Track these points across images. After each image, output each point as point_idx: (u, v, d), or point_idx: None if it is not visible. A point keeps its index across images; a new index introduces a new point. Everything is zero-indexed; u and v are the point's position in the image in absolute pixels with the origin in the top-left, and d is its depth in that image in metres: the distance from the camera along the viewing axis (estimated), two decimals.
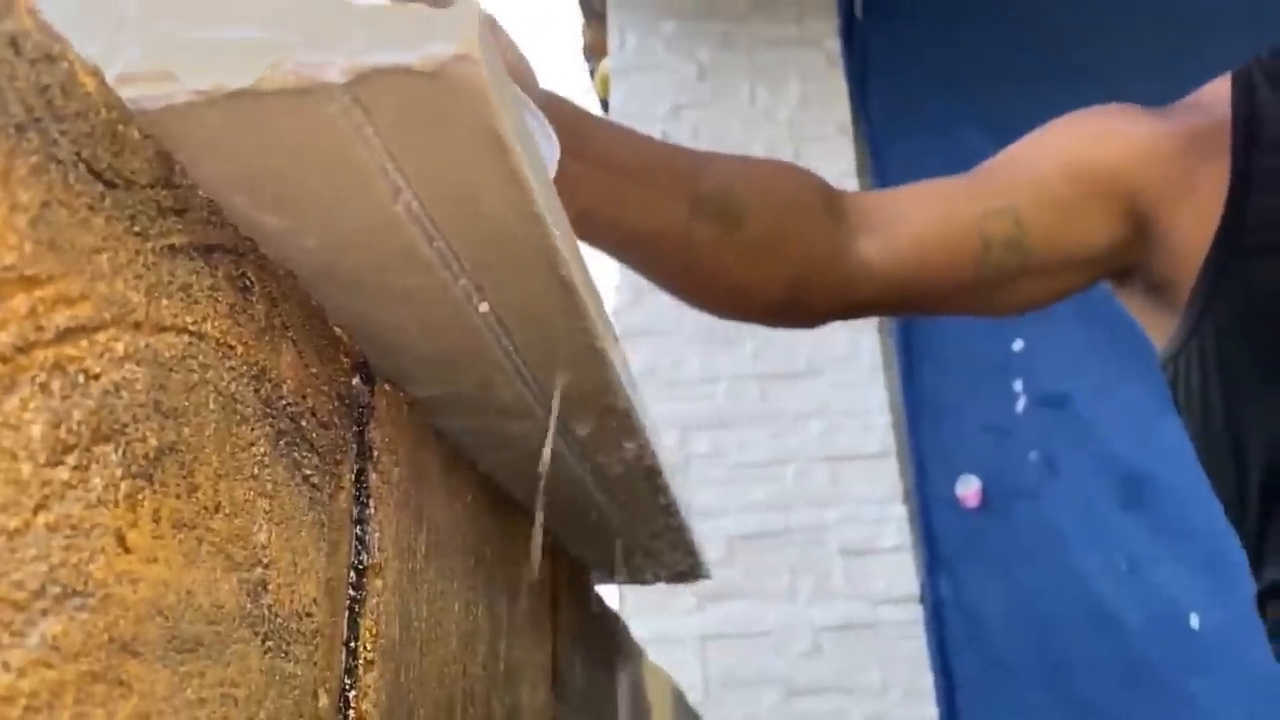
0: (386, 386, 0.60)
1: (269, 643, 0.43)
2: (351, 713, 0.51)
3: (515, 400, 0.68)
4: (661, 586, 2.55)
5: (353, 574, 0.53)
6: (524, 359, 0.63)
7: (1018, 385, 2.60)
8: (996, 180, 1.04)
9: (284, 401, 0.47)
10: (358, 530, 0.54)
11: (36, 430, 0.31)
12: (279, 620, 0.44)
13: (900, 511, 2.59)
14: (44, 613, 0.31)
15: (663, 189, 0.90)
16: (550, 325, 0.60)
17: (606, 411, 0.71)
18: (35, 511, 0.31)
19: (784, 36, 3.04)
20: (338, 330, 0.55)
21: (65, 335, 0.33)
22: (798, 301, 0.99)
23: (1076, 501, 2.48)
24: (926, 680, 2.44)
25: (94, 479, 0.33)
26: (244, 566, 0.42)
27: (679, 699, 2.00)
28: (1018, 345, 2.63)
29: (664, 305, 2.85)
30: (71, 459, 0.33)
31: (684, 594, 2.60)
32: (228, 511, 0.41)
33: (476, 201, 0.47)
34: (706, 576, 1.25)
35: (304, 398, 0.49)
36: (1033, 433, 2.56)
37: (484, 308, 0.56)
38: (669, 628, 2.55)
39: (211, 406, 0.41)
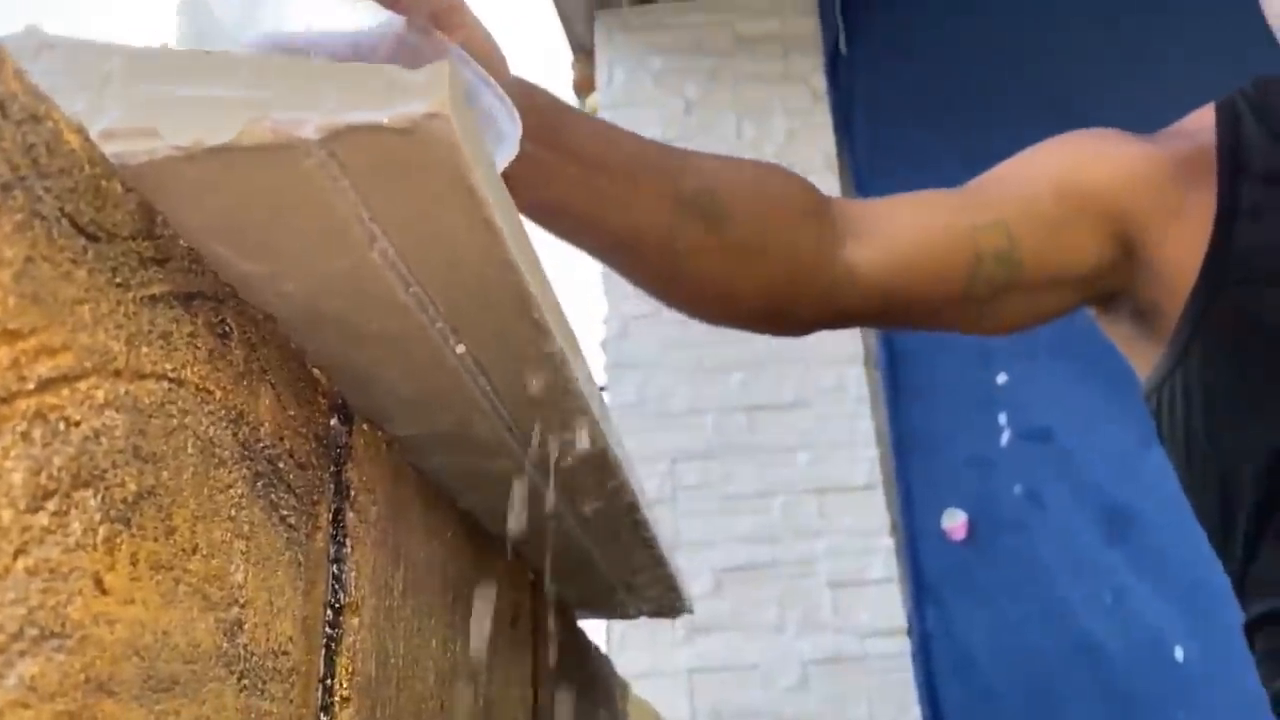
0: (364, 426, 0.61)
1: (244, 680, 0.44)
2: None
3: (493, 439, 0.70)
4: (647, 621, 2.55)
5: (329, 612, 0.54)
6: (501, 399, 0.64)
7: (1002, 418, 2.62)
8: (987, 195, 1.05)
9: (262, 444, 0.48)
10: (334, 569, 0.55)
11: (18, 477, 0.32)
12: (255, 659, 0.45)
13: (888, 544, 2.59)
14: (22, 654, 0.32)
15: (643, 186, 0.87)
16: (525, 366, 0.61)
17: (587, 456, 0.73)
18: (15, 556, 0.32)
19: (769, 72, 3.08)
20: (316, 372, 0.56)
21: (47, 385, 0.34)
22: (782, 307, 0.97)
23: (1061, 534, 2.49)
24: (914, 713, 2.44)
25: (73, 524, 0.35)
26: (220, 606, 0.43)
27: None
28: (1002, 379, 2.65)
29: (652, 338, 2.87)
30: (51, 504, 0.34)
31: (671, 627, 2.60)
32: (205, 552, 0.42)
33: (451, 248, 0.49)
34: (689, 611, 1.25)
35: (281, 439, 0.50)
36: (1017, 466, 2.57)
37: (460, 349, 0.58)
38: (656, 661, 2.55)
39: (190, 450, 0.42)
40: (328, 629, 0.54)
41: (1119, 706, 2.32)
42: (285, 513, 0.50)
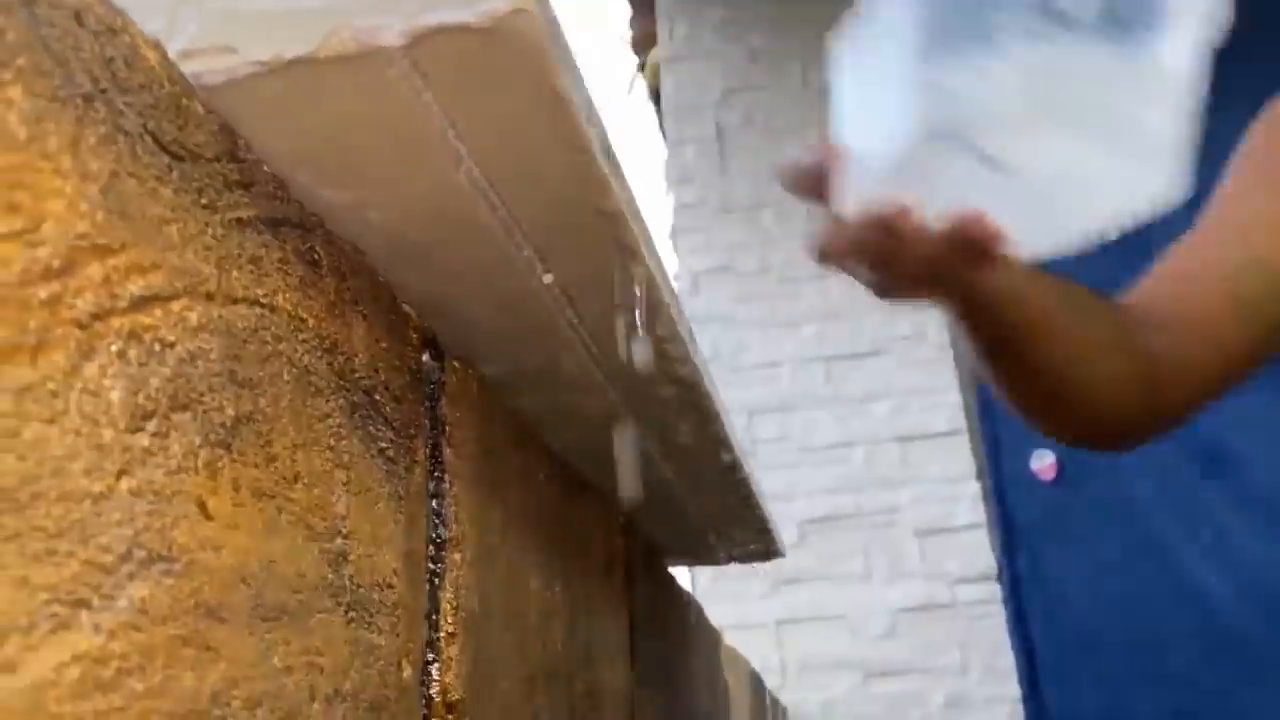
0: (456, 363, 0.60)
1: (352, 613, 0.43)
2: (435, 685, 0.51)
3: (582, 376, 0.68)
4: (735, 572, 2.54)
5: (431, 548, 0.53)
6: (589, 332, 0.63)
7: None
8: (1229, 226, 0.86)
9: (357, 375, 0.47)
10: (434, 504, 0.54)
11: (116, 396, 0.31)
12: (360, 591, 0.44)
13: (974, 489, 2.55)
14: (131, 576, 0.31)
15: (1110, 360, 0.76)
16: (615, 299, 0.59)
17: (676, 382, 0.71)
18: (118, 476, 0.31)
19: (836, 16, 2.97)
20: (406, 307, 0.55)
21: (140, 304, 0.33)
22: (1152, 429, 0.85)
23: (1155, 472, 2.42)
24: (1007, 659, 2.40)
25: (174, 446, 0.34)
26: (324, 537, 0.42)
27: (756, 683, 1.99)
28: None
29: (722, 292, 2.84)
30: (151, 425, 0.33)
31: (757, 579, 2.59)
32: (306, 481, 0.41)
33: (536, 165, 0.47)
34: (781, 555, 1.24)
35: (376, 371, 0.49)
36: None
37: (548, 279, 0.56)
38: (743, 613, 2.54)
39: (286, 378, 0.41)
40: (430, 564, 0.53)
41: (1226, 647, 2.26)
42: (384, 445, 0.48)
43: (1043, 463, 2.51)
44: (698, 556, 1.19)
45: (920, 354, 2.68)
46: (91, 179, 0.32)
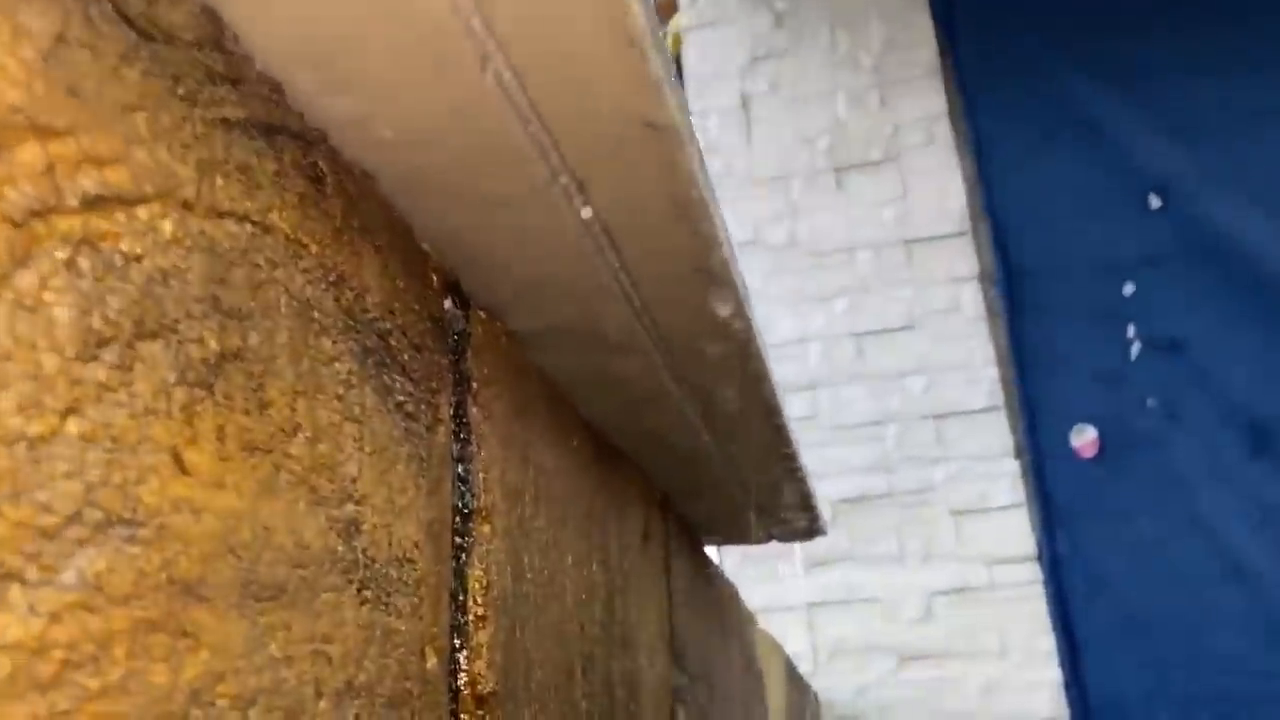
0: (482, 314, 0.54)
1: (365, 592, 0.37)
2: (463, 676, 0.45)
3: (623, 334, 0.61)
4: (765, 554, 2.47)
5: (457, 518, 0.46)
6: (633, 280, 0.56)
7: (1131, 330, 2.45)
8: None
9: (369, 315, 0.40)
10: (460, 469, 0.47)
11: (62, 315, 0.25)
12: (376, 566, 0.38)
13: (1012, 467, 2.47)
14: (81, 543, 0.24)
15: None
16: (665, 237, 0.52)
17: (726, 339, 0.64)
18: (64, 416, 0.24)
19: None
20: (425, 246, 0.48)
21: (95, 204, 0.27)
22: None
23: (1200, 449, 2.34)
24: (1047, 642, 2.33)
25: (139, 382, 0.27)
26: (331, 501, 0.35)
27: (790, 667, 1.93)
28: (1129, 289, 2.48)
29: (751, 267, 2.76)
30: (110, 355, 0.26)
31: (787, 561, 2.52)
32: (309, 435, 0.34)
33: (577, 63, 0.40)
34: (823, 533, 1.17)
35: (392, 313, 0.42)
36: (1149, 379, 2.41)
37: (586, 213, 0.49)
38: (774, 596, 2.48)
39: (283, 310, 0.34)
40: (456, 538, 0.46)
41: (1272, 630, 2.17)
42: (401, 399, 0.42)
43: (1084, 438, 2.43)
44: (736, 535, 1.12)
45: (955, 328, 2.60)
46: (25, 37, 0.25)
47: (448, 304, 0.49)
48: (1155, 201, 2.54)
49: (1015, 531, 2.44)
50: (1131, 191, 2.56)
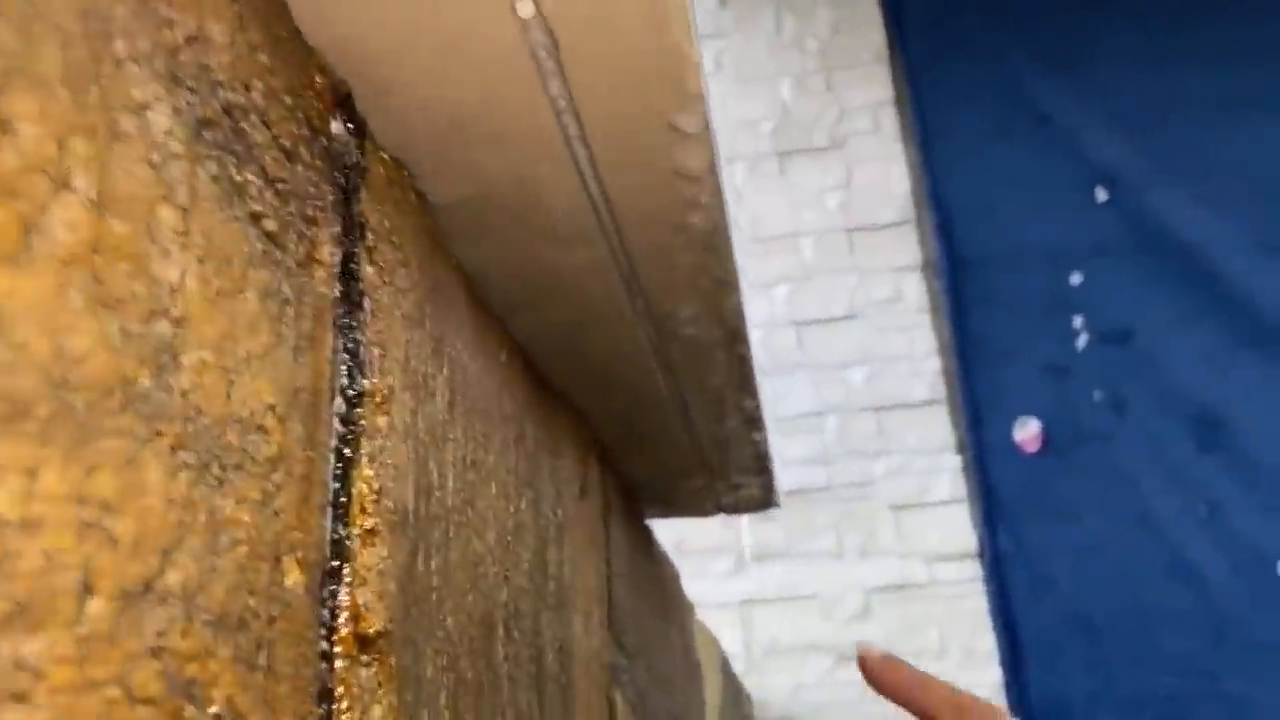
0: (384, 155, 0.42)
1: (184, 454, 0.25)
2: (342, 606, 0.33)
3: (567, 210, 0.50)
4: (697, 546, 2.36)
5: (340, 399, 0.34)
6: (586, 134, 0.44)
7: (1077, 321, 2.40)
8: None
9: (211, 75, 0.28)
10: (347, 337, 0.35)
11: None
12: (203, 422, 0.26)
13: (954, 461, 2.39)
14: None
15: None
16: (633, 83, 0.41)
17: (688, 235, 0.53)
18: None
19: None
20: (308, 37, 0.36)
21: None
22: None
23: (1147, 443, 2.29)
24: (988, 641, 2.25)
25: None
26: (131, 308, 0.23)
27: (726, 664, 1.83)
28: (1075, 279, 2.43)
29: None
30: None
31: (722, 556, 2.42)
32: (92, 197, 0.22)
33: None
34: (777, 504, 1.06)
35: (247, 89, 0.30)
36: (1095, 371, 2.36)
37: (526, 9, 0.37)
38: (707, 591, 2.37)
39: (60, 18, 0.22)
40: (340, 425, 0.34)
41: (1219, 628, 2.13)
42: (258, 208, 0.30)
43: (1027, 432, 2.36)
44: (681, 503, 1.01)
45: (898, 318, 2.53)
46: None
47: (336, 125, 0.37)
48: (1102, 193, 2.49)
49: (957, 528, 2.37)
50: (1079, 183, 2.51)
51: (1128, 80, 2.53)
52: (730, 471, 0.91)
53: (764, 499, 1.01)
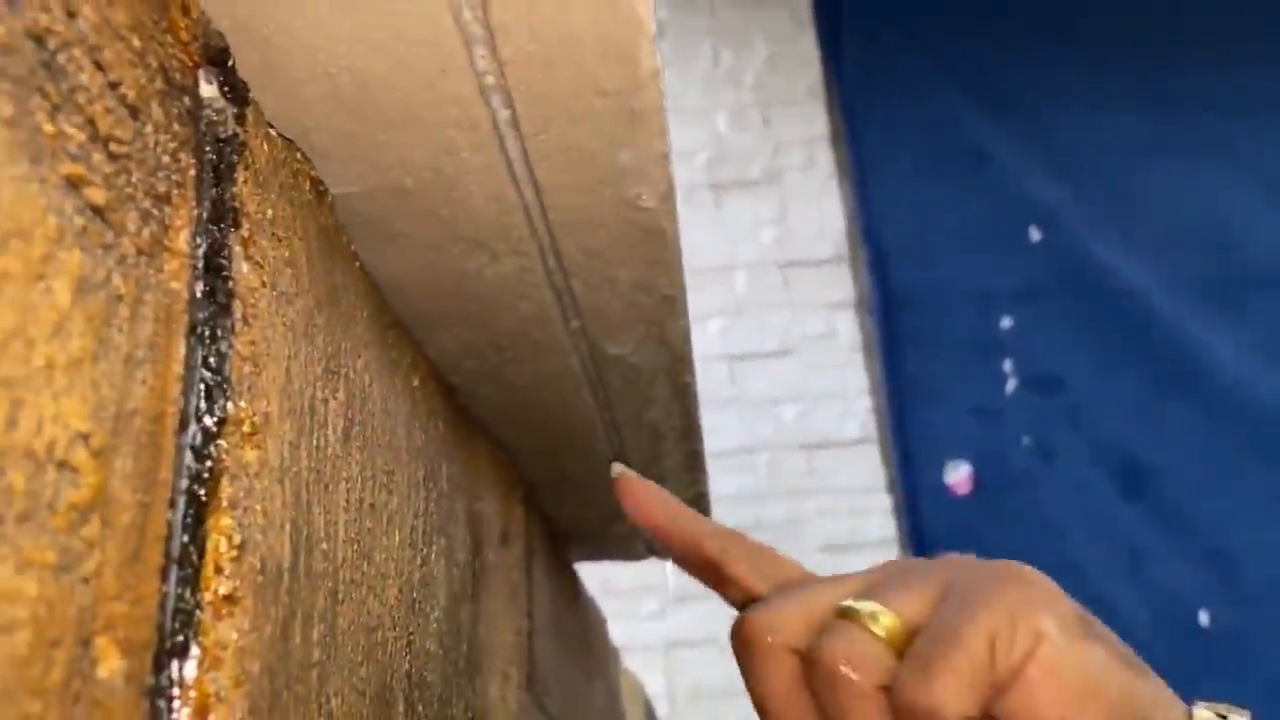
0: (271, 131, 0.34)
1: None
2: (187, 695, 0.25)
3: (493, 212, 0.43)
4: (622, 587, 2.29)
5: (196, 426, 0.27)
6: (518, 116, 0.37)
7: (1007, 365, 2.38)
8: None
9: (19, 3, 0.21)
10: (210, 349, 0.28)
11: None
12: None
13: (885, 502, 2.36)
14: None
15: None
16: (576, 54, 0.34)
17: (632, 242, 0.46)
18: None
19: None
20: None
21: None
22: None
23: (1073, 490, 2.27)
24: None
25: None
26: None
27: (650, 713, 1.75)
28: (1006, 323, 2.42)
29: None
30: None
31: (647, 597, 2.34)
32: None
33: None
34: None
35: (69, 13, 0.23)
36: (1024, 416, 2.34)
37: None
38: (630, 635, 2.29)
39: None
40: (193, 458, 0.27)
41: None
42: (77, 168, 0.22)
43: (958, 475, 2.33)
44: (609, 547, 0.93)
45: (831, 355, 2.49)
46: None
47: (207, 87, 0.30)
48: (1036, 234, 2.49)
49: None
50: (1013, 223, 2.50)
51: (1062, 121, 2.54)
52: None
53: None
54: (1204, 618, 2.18)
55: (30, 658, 0.19)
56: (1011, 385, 2.40)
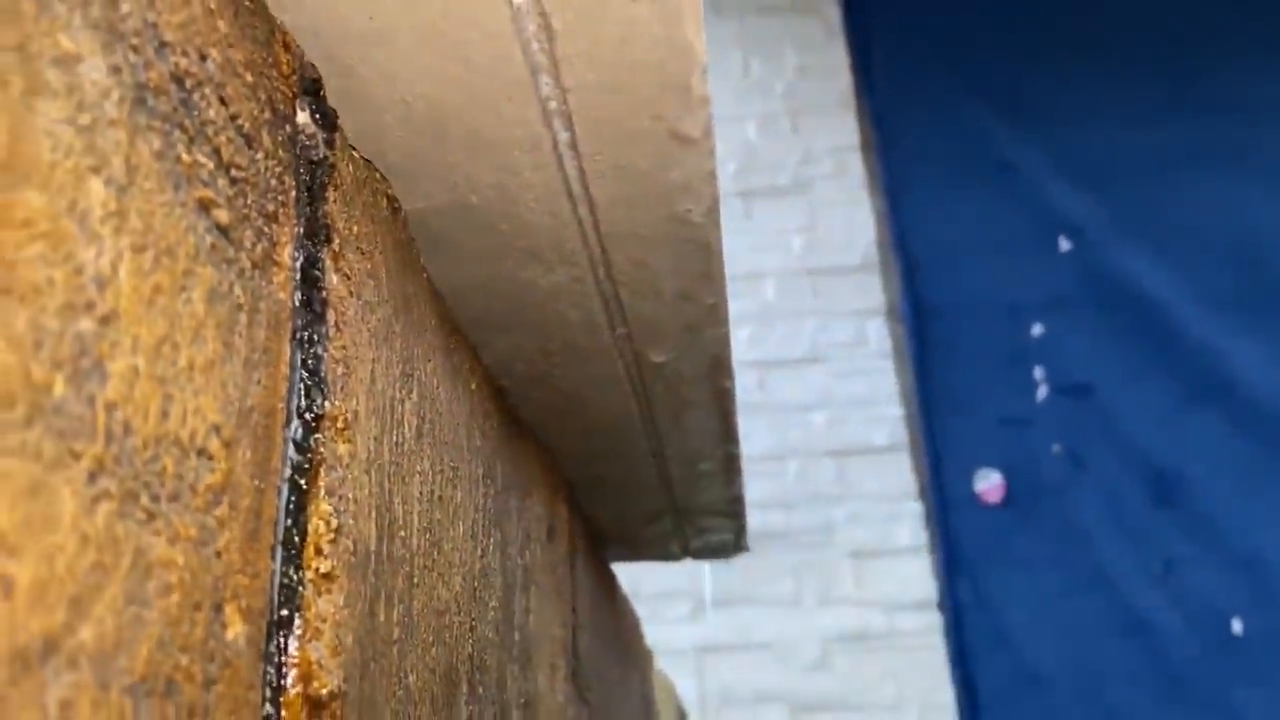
0: (355, 154, 0.38)
1: (105, 482, 0.20)
2: (291, 660, 0.28)
3: (549, 227, 0.46)
4: (652, 591, 2.31)
5: (297, 421, 0.30)
6: (577, 139, 0.40)
7: (1038, 373, 2.39)
8: None
9: (158, 33, 0.24)
10: (307, 350, 0.31)
11: None
12: (132, 444, 0.21)
13: (915, 509, 2.37)
14: None
15: None
16: (633, 83, 0.37)
17: (678, 255, 0.49)
18: None
19: (779, 3, 2.84)
20: (278, 18, 0.32)
21: None
22: None
23: (1105, 498, 2.27)
24: (946, 694, 2.21)
25: None
26: (46, 300, 0.19)
27: (682, 715, 1.77)
28: (1037, 331, 2.43)
29: None
30: None
31: (678, 601, 2.37)
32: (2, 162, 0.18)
33: None
34: (746, 549, 1.02)
35: (201, 56, 0.26)
36: (1055, 424, 2.35)
37: None
38: (661, 639, 2.31)
39: None
40: (295, 450, 0.30)
41: (1174, 685, 2.11)
42: (208, 193, 0.26)
43: (988, 483, 2.34)
44: (644, 548, 0.96)
45: (861, 362, 2.51)
46: None
47: (302, 114, 0.33)
48: (1065, 244, 2.50)
49: (916, 576, 2.33)
50: (1042, 233, 2.51)
51: (1091, 133, 2.55)
52: (701, 515, 0.87)
53: (735, 544, 0.97)
54: (1237, 625, 2.18)
55: (179, 617, 0.22)
56: (1042, 393, 2.41)
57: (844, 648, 2.29)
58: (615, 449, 0.71)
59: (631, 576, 2.26)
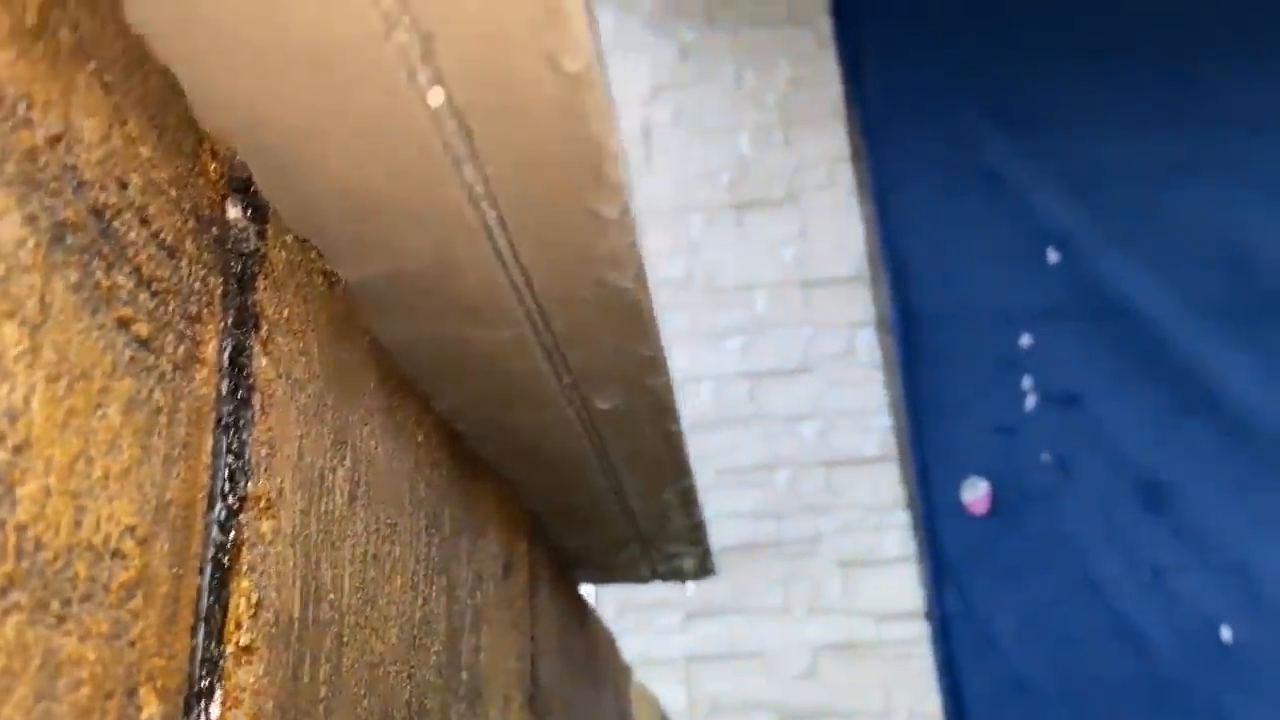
0: (288, 238, 0.40)
1: (14, 594, 0.23)
2: None
3: (487, 291, 0.48)
4: (641, 601, 2.34)
5: (220, 505, 0.33)
6: (504, 218, 0.43)
7: (1026, 382, 2.42)
8: None
9: (76, 176, 0.26)
10: (230, 437, 0.33)
11: None
12: (42, 558, 0.24)
13: (902, 519, 2.39)
14: None
15: None
16: (550, 172, 0.40)
17: (611, 317, 0.51)
18: None
19: (772, 14, 2.86)
20: (201, 122, 0.34)
21: None
22: None
23: (1093, 506, 2.30)
24: (934, 703, 2.24)
25: None
26: None
27: None
28: (1025, 341, 2.45)
29: None
30: None
31: (667, 611, 2.39)
32: None
33: None
34: (713, 572, 1.05)
35: (122, 186, 0.28)
36: (1044, 433, 2.37)
37: (436, 97, 0.36)
38: (650, 648, 2.34)
39: None
40: (219, 531, 0.32)
41: (1162, 693, 2.13)
42: (126, 310, 0.28)
43: (976, 493, 2.36)
44: (617, 572, 0.99)
45: (851, 373, 2.53)
46: None
47: (233, 211, 0.36)
48: (1054, 255, 2.52)
49: (905, 586, 2.36)
50: (1031, 243, 2.54)
51: (1081, 143, 2.57)
52: (666, 543, 0.90)
53: (700, 569, 1.00)
54: (1226, 634, 2.20)
55: (90, 708, 0.25)
56: (1031, 402, 2.43)
57: (833, 657, 2.31)
58: (576, 484, 0.73)
59: (622, 588, 2.29)
